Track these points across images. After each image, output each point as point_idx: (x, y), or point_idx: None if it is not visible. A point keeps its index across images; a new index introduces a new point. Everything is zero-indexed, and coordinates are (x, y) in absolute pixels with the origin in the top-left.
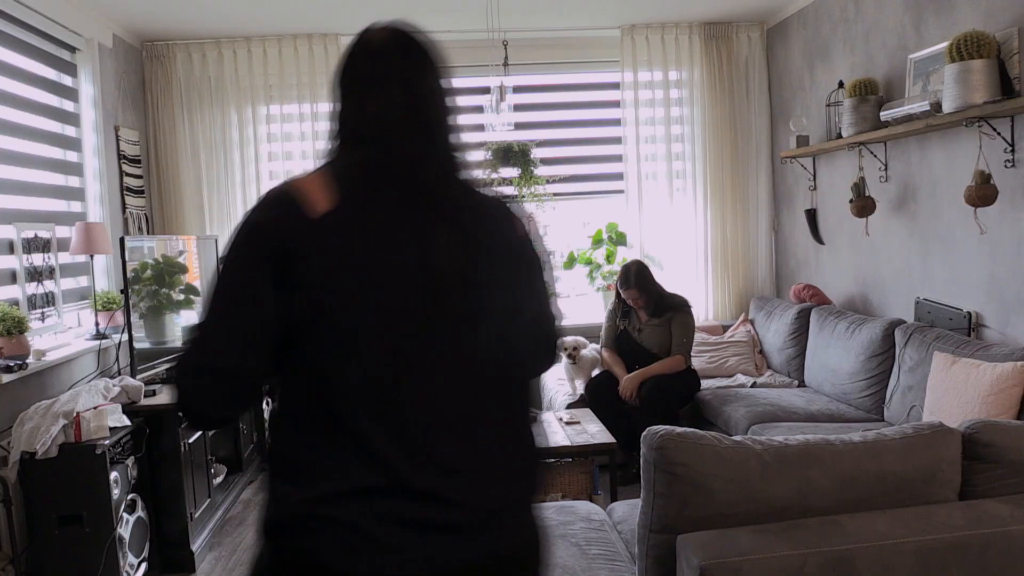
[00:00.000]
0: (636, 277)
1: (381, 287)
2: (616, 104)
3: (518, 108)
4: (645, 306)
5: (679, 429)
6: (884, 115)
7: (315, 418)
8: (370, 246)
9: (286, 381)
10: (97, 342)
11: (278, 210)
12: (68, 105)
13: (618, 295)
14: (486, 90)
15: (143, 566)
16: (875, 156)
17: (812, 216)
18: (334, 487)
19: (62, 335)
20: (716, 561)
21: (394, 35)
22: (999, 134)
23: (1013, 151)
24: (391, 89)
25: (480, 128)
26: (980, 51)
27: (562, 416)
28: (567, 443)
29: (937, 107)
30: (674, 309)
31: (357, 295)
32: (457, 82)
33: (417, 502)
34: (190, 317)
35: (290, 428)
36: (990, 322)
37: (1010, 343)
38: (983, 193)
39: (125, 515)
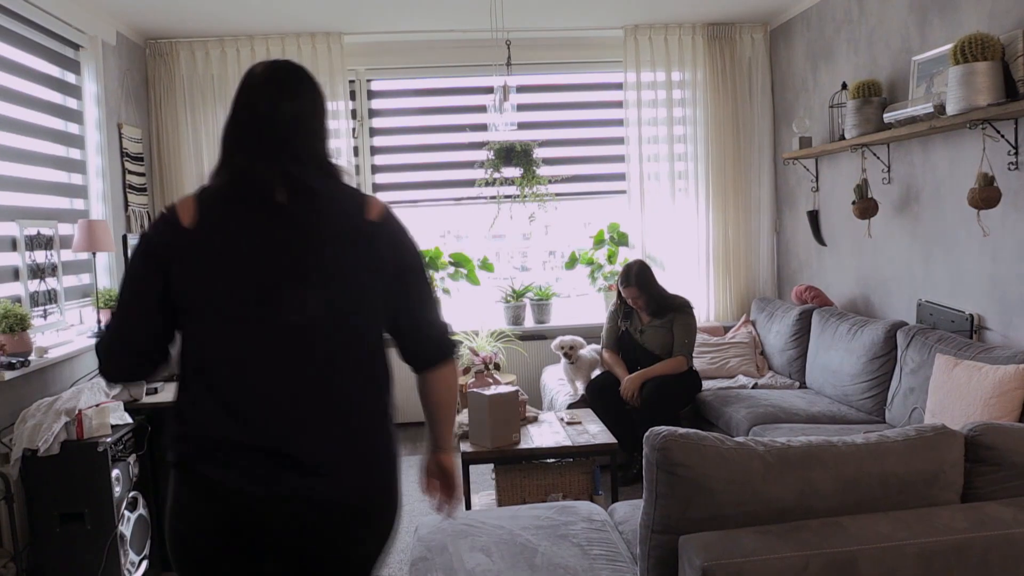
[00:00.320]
0: (637, 276)
1: (224, 281)
2: (619, 104)
3: (521, 108)
4: (645, 306)
5: (681, 430)
6: (887, 117)
7: (192, 381)
8: (217, 249)
9: (178, 352)
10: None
11: (161, 227)
12: (71, 102)
13: (620, 295)
14: (489, 89)
15: (144, 564)
16: (878, 158)
17: (814, 217)
18: (204, 433)
19: (64, 332)
20: (719, 562)
21: (269, 69)
22: (1003, 136)
23: (1017, 153)
24: (257, 114)
25: (483, 127)
26: (984, 53)
27: (563, 416)
28: (568, 443)
29: (941, 109)
30: (675, 310)
31: (208, 288)
32: (460, 81)
33: (262, 452)
34: None
35: (180, 387)
36: (992, 324)
37: (1012, 345)
38: (986, 195)
39: (126, 513)
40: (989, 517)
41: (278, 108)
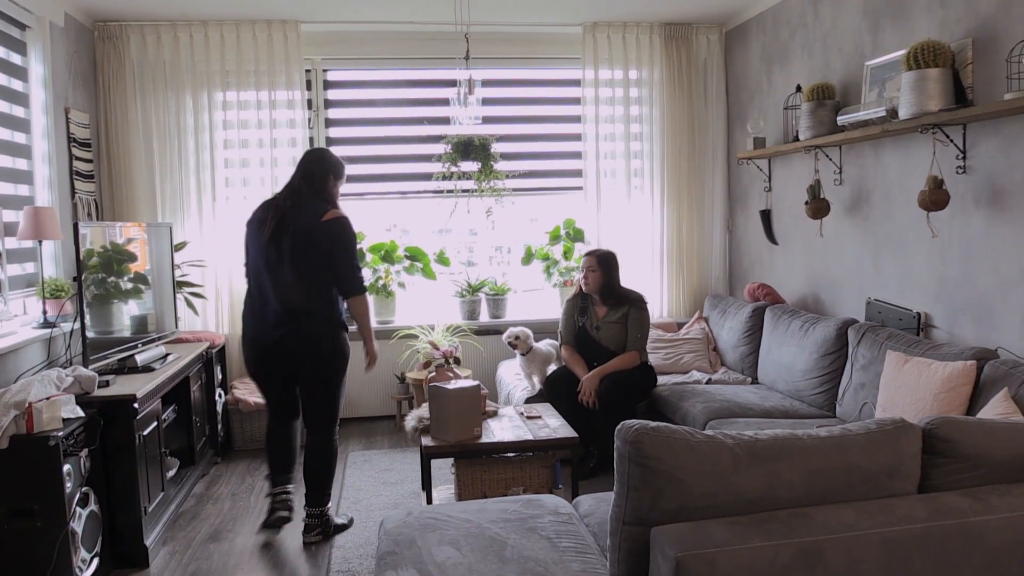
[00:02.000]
0: (603, 254)
1: (253, 242)
2: (576, 101)
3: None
4: (595, 285)
5: (653, 423)
6: (841, 120)
7: (250, 291)
8: (253, 228)
9: None
10: (45, 331)
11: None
12: (17, 84)
13: (579, 289)
14: (447, 83)
15: (95, 561)
16: (830, 159)
17: (767, 216)
18: (253, 314)
19: (7, 324)
20: (691, 553)
21: (311, 151)
22: (952, 141)
23: (965, 158)
24: (300, 169)
25: (442, 121)
26: (936, 60)
27: (523, 411)
28: (530, 437)
29: (893, 113)
30: (630, 303)
31: (251, 249)
32: (418, 74)
33: (274, 321)
34: (138, 308)
35: (247, 292)
36: (938, 323)
37: (958, 343)
38: (936, 198)
39: (78, 509)
40: (946, 507)
41: (307, 168)
